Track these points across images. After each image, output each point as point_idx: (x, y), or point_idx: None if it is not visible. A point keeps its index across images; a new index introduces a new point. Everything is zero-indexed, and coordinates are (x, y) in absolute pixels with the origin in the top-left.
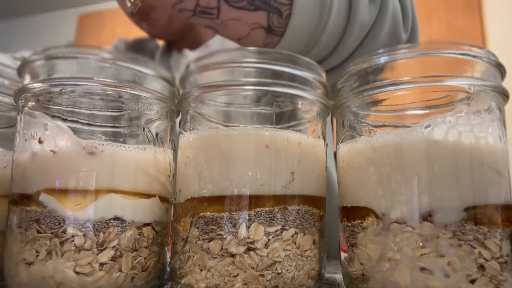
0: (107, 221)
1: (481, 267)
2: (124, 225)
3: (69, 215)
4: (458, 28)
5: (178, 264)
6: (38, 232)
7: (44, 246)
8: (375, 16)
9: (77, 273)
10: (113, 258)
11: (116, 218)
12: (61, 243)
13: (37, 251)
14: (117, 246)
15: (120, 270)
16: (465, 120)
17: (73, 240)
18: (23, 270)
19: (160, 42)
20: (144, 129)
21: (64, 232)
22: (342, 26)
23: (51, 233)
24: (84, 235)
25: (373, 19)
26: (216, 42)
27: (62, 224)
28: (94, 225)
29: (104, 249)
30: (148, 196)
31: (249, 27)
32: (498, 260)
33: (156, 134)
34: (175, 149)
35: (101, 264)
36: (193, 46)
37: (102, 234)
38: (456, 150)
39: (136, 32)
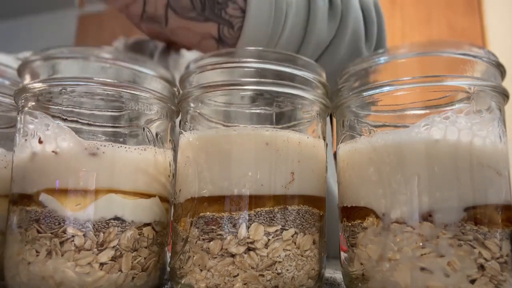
0: (107, 221)
1: (481, 267)
2: (124, 225)
3: (69, 215)
4: (458, 28)
5: (178, 264)
6: (38, 232)
7: (44, 246)
8: (333, 33)
9: (77, 273)
10: (113, 258)
11: (116, 218)
12: (61, 243)
13: (37, 251)
14: (117, 246)
15: (120, 270)
16: (465, 120)
17: (73, 240)
18: (23, 270)
19: (159, 43)
20: (144, 129)
21: (64, 232)
22: (297, 42)
23: (51, 233)
24: (84, 235)
25: (331, 36)
26: None
27: (62, 224)
28: (94, 225)
29: (104, 249)
30: (148, 196)
31: (199, 36)
32: (498, 260)
33: (156, 134)
34: (175, 149)
35: (101, 264)
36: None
37: (102, 234)
38: (456, 150)
39: (136, 33)
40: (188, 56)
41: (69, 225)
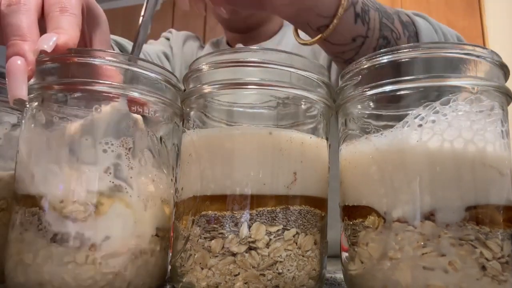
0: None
1: (483, 267)
2: None
3: (70, 219)
4: (458, 28)
5: (179, 263)
6: (39, 234)
7: (44, 248)
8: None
9: (75, 278)
10: (114, 261)
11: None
12: (62, 246)
13: (36, 253)
14: (119, 250)
15: (121, 274)
16: (467, 120)
17: (74, 243)
18: (22, 270)
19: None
20: (148, 132)
21: (65, 235)
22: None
23: (52, 236)
24: (85, 237)
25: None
26: (272, 44)
27: (63, 226)
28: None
29: (106, 253)
30: (151, 200)
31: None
32: (500, 260)
33: (160, 138)
34: (178, 153)
35: (102, 268)
36: (249, 42)
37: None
38: (458, 149)
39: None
40: None
41: (70, 228)
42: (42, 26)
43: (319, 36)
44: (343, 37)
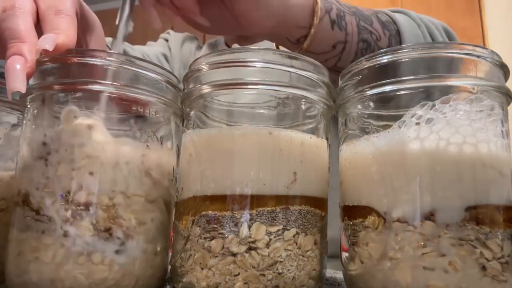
0: (112, 224)
1: (483, 267)
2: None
3: (77, 218)
4: (458, 28)
5: (179, 263)
6: (44, 232)
7: (54, 247)
8: None
9: (85, 275)
10: (122, 264)
11: (121, 223)
12: (71, 246)
13: (45, 252)
14: (123, 249)
15: (125, 273)
16: (467, 120)
17: (81, 243)
18: (34, 269)
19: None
20: (148, 133)
21: (71, 235)
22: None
23: (62, 235)
24: (89, 237)
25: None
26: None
27: (67, 225)
28: (100, 228)
29: (114, 254)
30: (152, 200)
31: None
32: (500, 261)
33: (161, 138)
34: (178, 153)
35: (109, 268)
36: (245, 43)
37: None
38: (458, 150)
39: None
40: None
41: (75, 228)
42: (38, 33)
43: (300, 48)
44: (323, 46)
